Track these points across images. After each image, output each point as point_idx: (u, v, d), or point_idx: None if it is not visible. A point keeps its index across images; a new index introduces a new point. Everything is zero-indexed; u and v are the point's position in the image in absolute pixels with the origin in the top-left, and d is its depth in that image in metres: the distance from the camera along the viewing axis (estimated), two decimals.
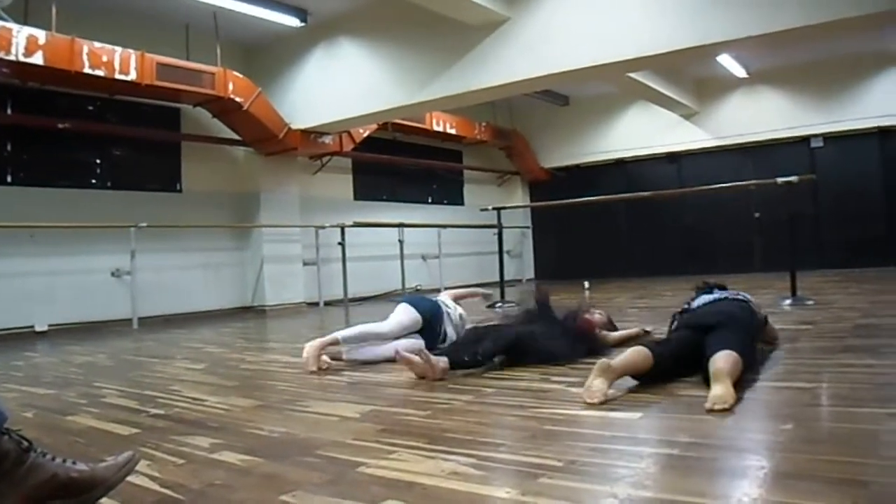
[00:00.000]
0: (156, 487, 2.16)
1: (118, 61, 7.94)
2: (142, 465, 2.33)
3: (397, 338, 4.49)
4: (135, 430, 2.96)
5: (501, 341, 3.93)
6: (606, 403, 2.96)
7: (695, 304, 3.96)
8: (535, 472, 2.11)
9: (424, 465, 2.24)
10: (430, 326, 4.64)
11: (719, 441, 2.37)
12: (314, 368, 4.31)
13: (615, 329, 4.80)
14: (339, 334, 4.48)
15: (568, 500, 1.86)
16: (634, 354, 3.23)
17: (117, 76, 7.95)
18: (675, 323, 3.89)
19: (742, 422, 2.59)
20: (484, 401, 3.23)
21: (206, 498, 2.06)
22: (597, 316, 4.71)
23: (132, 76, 8.09)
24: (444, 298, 5.03)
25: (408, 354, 3.79)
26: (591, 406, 2.93)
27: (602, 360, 3.11)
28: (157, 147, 9.77)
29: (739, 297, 3.92)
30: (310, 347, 4.40)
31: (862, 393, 2.95)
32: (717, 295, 3.97)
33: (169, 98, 9.14)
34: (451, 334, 4.72)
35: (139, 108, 9.29)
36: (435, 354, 3.83)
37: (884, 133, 12.16)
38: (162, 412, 3.34)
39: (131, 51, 8.07)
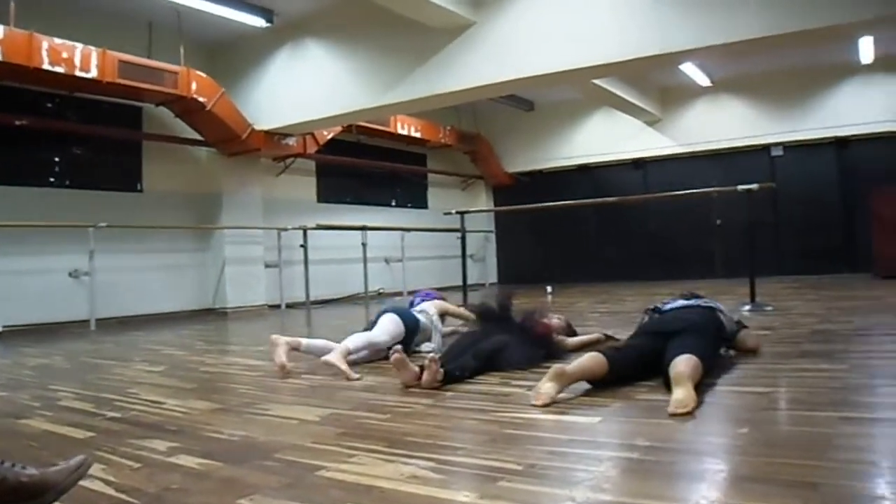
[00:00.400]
0: (110, 492, 2.13)
1: (79, 58, 7.81)
2: (96, 470, 2.29)
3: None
4: (90, 434, 2.91)
5: (482, 355, 3.90)
6: (563, 406, 2.98)
7: (667, 306, 3.99)
8: (494, 475, 2.10)
9: (384, 469, 2.23)
10: (407, 338, 4.65)
11: (678, 445, 2.39)
12: (281, 361, 4.22)
13: (574, 334, 4.82)
14: (350, 345, 4.36)
15: (525, 503, 1.86)
16: (589, 360, 3.24)
17: (78, 73, 7.83)
18: (643, 321, 3.96)
19: (701, 426, 2.61)
20: (444, 404, 3.22)
21: (162, 502, 2.03)
22: (555, 320, 4.71)
23: (93, 73, 7.96)
24: (428, 308, 5.02)
25: (404, 358, 3.66)
26: (550, 409, 2.94)
27: (556, 365, 3.13)
28: (118, 146, 9.63)
29: (709, 304, 3.95)
30: (279, 343, 4.34)
31: (817, 397, 3.00)
32: (690, 302, 4.00)
33: (130, 97, 9.01)
34: (438, 343, 4.84)
35: (100, 106, 9.15)
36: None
37: (841, 143, 12.40)
38: (119, 415, 3.28)
39: (92, 48, 7.95)
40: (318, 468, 2.26)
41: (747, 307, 6.79)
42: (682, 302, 4.01)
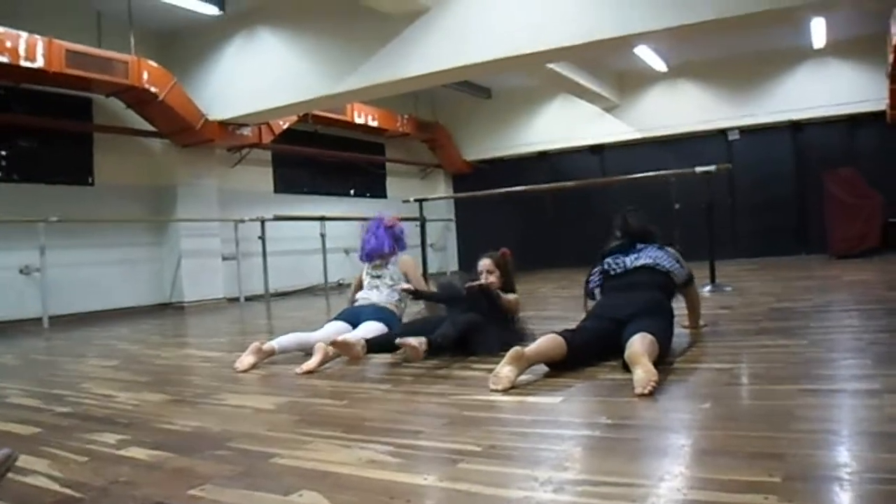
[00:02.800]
0: (55, 487, 2.05)
1: (24, 47, 7.57)
2: (42, 465, 2.23)
3: None
4: (36, 430, 2.81)
5: (460, 325, 3.83)
6: (524, 388, 2.95)
7: (616, 268, 3.94)
8: (454, 457, 2.06)
9: (340, 455, 2.18)
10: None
11: (641, 422, 2.37)
12: (248, 364, 4.06)
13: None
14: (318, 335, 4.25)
15: (487, 485, 1.82)
16: (548, 342, 3.21)
17: (23, 63, 7.58)
18: (592, 283, 4.03)
19: (662, 402, 2.59)
20: (403, 389, 3.18)
21: (109, 495, 1.95)
22: (492, 278, 4.57)
23: (39, 63, 7.73)
24: (394, 275, 4.89)
25: (410, 339, 3.60)
26: (510, 392, 2.90)
27: (515, 348, 3.08)
28: (68, 138, 9.37)
29: (659, 266, 3.89)
30: (255, 351, 4.15)
31: (777, 372, 3.00)
32: (639, 258, 3.94)
33: (80, 87, 8.76)
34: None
35: (48, 97, 8.89)
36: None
37: (795, 126, 12.54)
38: (68, 410, 3.18)
39: (38, 37, 7.71)
40: (272, 456, 2.20)
41: (707, 288, 6.85)
42: (631, 259, 3.94)
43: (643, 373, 2.75)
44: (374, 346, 3.82)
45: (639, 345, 2.96)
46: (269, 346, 4.20)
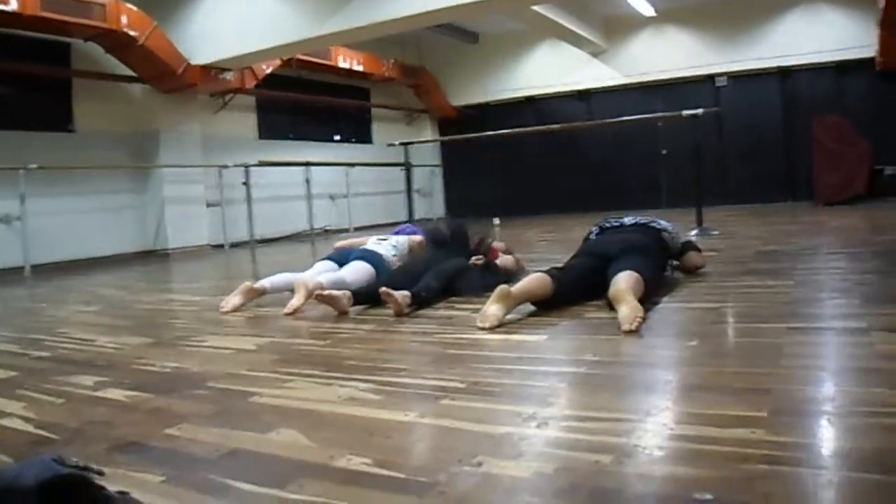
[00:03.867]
0: (29, 429, 2.01)
1: None
2: (16, 408, 2.20)
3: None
4: (12, 373, 2.76)
5: (444, 276, 3.80)
6: (510, 326, 2.92)
7: (612, 223, 4.01)
8: (436, 394, 2.03)
9: (320, 392, 2.14)
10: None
11: (627, 358, 2.35)
12: (234, 304, 4.02)
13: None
14: (324, 281, 4.11)
15: (470, 420, 1.79)
16: (534, 281, 3.18)
17: None
18: (589, 238, 3.99)
19: (649, 340, 2.57)
20: (386, 329, 3.14)
21: (83, 436, 1.91)
22: (502, 247, 4.63)
23: (13, 6, 7.48)
24: (402, 242, 4.79)
25: (391, 291, 3.48)
26: (495, 330, 2.87)
27: (501, 287, 3.05)
28: (46, 84, 9.17)
29: (654, 224, 3.92)
30: (243, 290, 4.11)
31: (764, 311, 2.98)
32: (636, 219, 3.98)
33: (57, 31, 8.54)
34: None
35: (24, 42, 8.66)
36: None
37: (784, 73, 12.42)
38: (46, 354, 3.13)
39: None
40: (251, 394, 2.17)
41: (694, 231, 6.82)
42: (628, 219, 4.00)
43: (628, 309, 2.72)
44: (360, 296, 3.75)
45: (624, 282, 2.93)
46: (259, 286, 4.16)
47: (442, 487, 1.38)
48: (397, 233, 5.10)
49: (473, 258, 4.15)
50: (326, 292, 3.62)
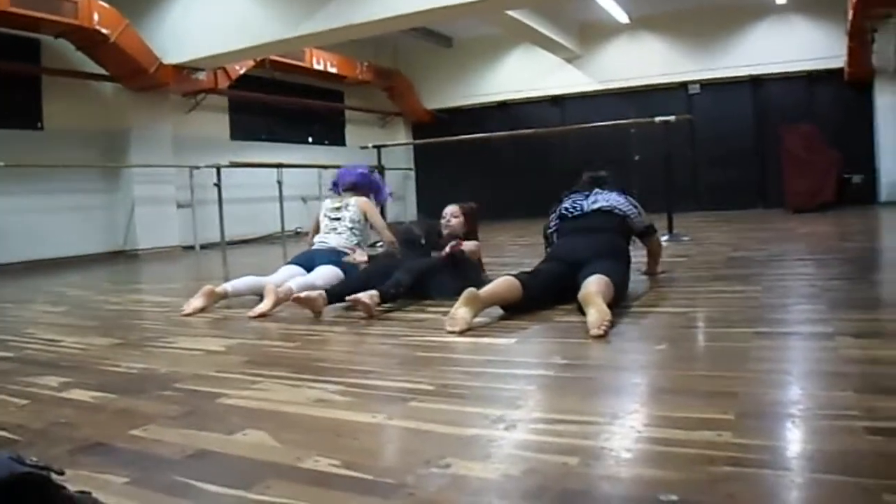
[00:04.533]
0: None
1: None
2: None
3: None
4: None
5: (414, 270, 3.76)
6: (479, 329, 2.92)
7: (574, 209, 3.92)
8: (404, 396, 2.03)
9: (288, 394, 2.13)
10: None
11: (595, 362, 2.35)
12: (196, 307, 3.98)
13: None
14: (294, 286, 4.06)
15: (438, 422, 1.78)
16: (503, 284, 3.18)
17: None
18: (553, 220, 3.99)
19: (617, 344, 2.58)
20: (355, 331, 3.14)
21: (47, 437, 1.88)
22: (454, 222, 4.54)
23: None
24: (353, 209, 4.73)
25: (358, 296, 3.47)
26: (464, 333, 2.86)
27: (469, 290, 3.04)
28: (14, 81, 9.02)
29: (618, 210, 3.86)
30: (204, 293, 4.08)
31: (732, 315, 3.01)
32: (599, 204, 3.90)
33: (26, 27, 8.41)
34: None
35: None
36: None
37: (755, 81, 12.57)
38: (10, 355, 3.09)
39: None
40: (218, 396, 2.15)
41: (665, 237, 6.85)
42: (590, 202, 3.92)
43: (597, 313, 2.72)
44: (334, 296, 3.72)
45: (594, 286, 2.94)
46: (221, 289, 4.13)
47: (410, 489, 1.37)
48: (334, 185, 5.03)
49: (443, 251, 4.10)
50: (303, 294, 3.58)
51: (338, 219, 4.77)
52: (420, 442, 1.68)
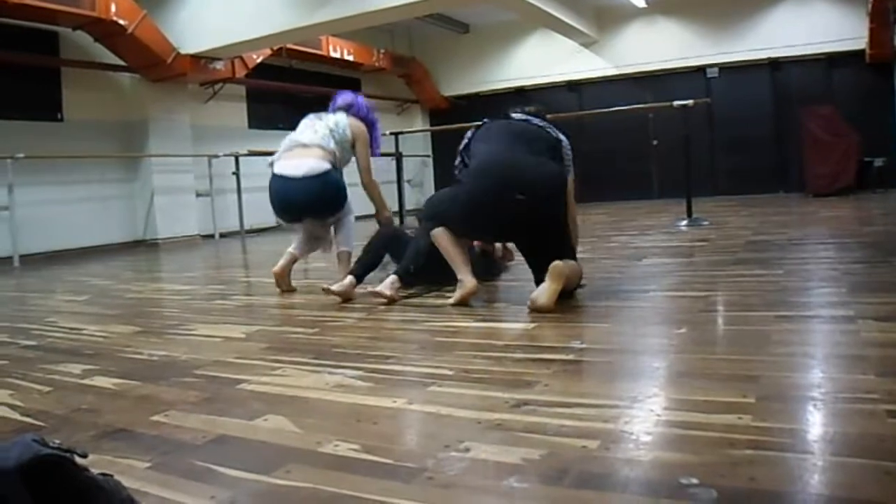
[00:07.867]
0: (16, 417, 1.99)
1: None
2: (2, 396, 2.18)
3: None
4: (1, 363, 2.74)
5: (424, 249, 3.59)
6: (496, 314, 2.93)
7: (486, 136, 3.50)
8: (424, 381, 2.03)
9: (308, 380, 2.14)
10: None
11: (614, 346, 2.35)
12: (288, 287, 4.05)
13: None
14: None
15: (458, 407, 1.79)
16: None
17: None
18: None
19: (638, 328, 2.58)
20: (375, 317, 3.14)
21: (70, 423, 1.90)
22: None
23: None
24: (343, 127, 4.38)
25: (377, 290, 3.43)
26: (483, 318, 2.88)
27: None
28: (35, 73, 9.08)
29: (550, 129, 3.54)
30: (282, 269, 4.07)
31: (753, 299, 2.99)
32: (528, 118, 3.59)
33: (45, 20, 8.47)
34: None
35: (11, 30, 8.58)
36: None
37: (774, 64, 12.43)
38: (34, 343, 3.12)
39: None
40: (239, 382, 2.16)
41: (684, 222, 6.84)
42: (519, 114, 3.62)
43: (551, 292, 2.77)
44: (361, 275, 3.72)
45: (569, 267, 2.91)
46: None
47: (429, 473, 1.38)
48: (332, 110, 4.48)
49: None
50: (336, 287, 3.57)
51: (319, 119, 4.36)
52: (439, 426, 1.68)
